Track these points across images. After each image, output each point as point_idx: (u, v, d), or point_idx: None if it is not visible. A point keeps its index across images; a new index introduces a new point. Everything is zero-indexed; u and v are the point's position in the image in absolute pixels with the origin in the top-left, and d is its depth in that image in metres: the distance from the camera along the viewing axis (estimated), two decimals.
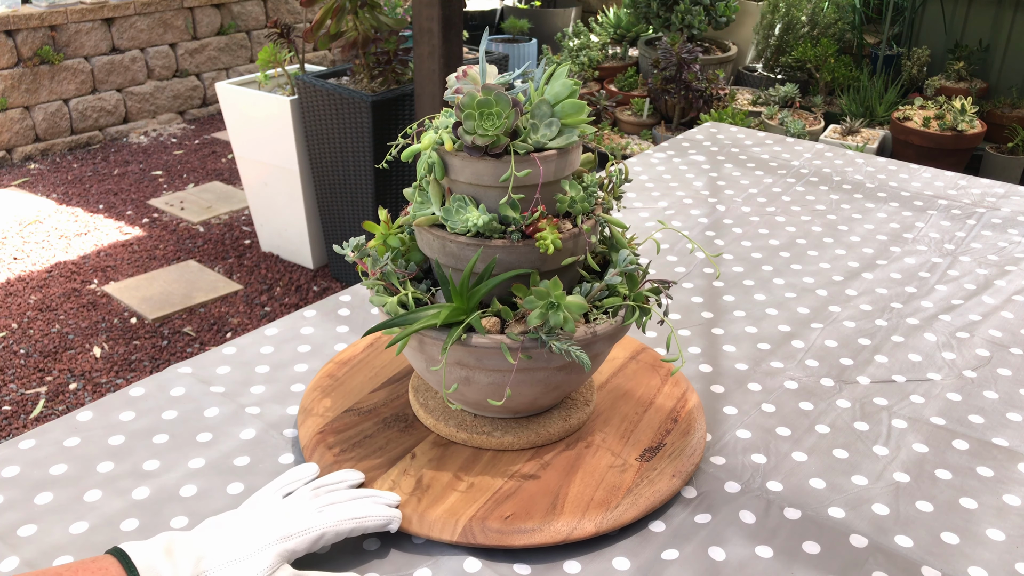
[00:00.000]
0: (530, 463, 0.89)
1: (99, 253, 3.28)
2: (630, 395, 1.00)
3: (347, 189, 2.86)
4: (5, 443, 0.94)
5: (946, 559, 0.82)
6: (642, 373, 1.04)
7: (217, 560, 0.70)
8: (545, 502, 0.84)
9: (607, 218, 0.88)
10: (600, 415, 0.97)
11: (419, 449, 0.91)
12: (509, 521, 0.81)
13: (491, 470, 0.88)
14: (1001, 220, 1.55)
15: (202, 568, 0.70)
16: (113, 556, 0.69)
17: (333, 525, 0.77)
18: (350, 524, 0.78)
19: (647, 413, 0.97)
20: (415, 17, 2.30)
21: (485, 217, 0.81)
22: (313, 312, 1.21)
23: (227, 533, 0.73)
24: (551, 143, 0.81)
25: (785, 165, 1.79)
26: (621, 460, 0.90)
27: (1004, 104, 4.01)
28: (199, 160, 4.21)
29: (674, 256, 1.40)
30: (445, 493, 0.85)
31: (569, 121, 0.82)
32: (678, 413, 0.97)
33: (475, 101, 0.80)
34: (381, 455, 0.90)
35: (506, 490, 0.86)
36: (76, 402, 2.44)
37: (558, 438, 0.92)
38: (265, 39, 4.94)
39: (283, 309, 2.92)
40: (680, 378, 1.03)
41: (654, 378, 1.03)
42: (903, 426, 1.00)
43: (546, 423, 0.93)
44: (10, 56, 3.98)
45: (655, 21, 4.46)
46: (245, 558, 0.71)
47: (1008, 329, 1.21)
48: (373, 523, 0.79)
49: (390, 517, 0.81)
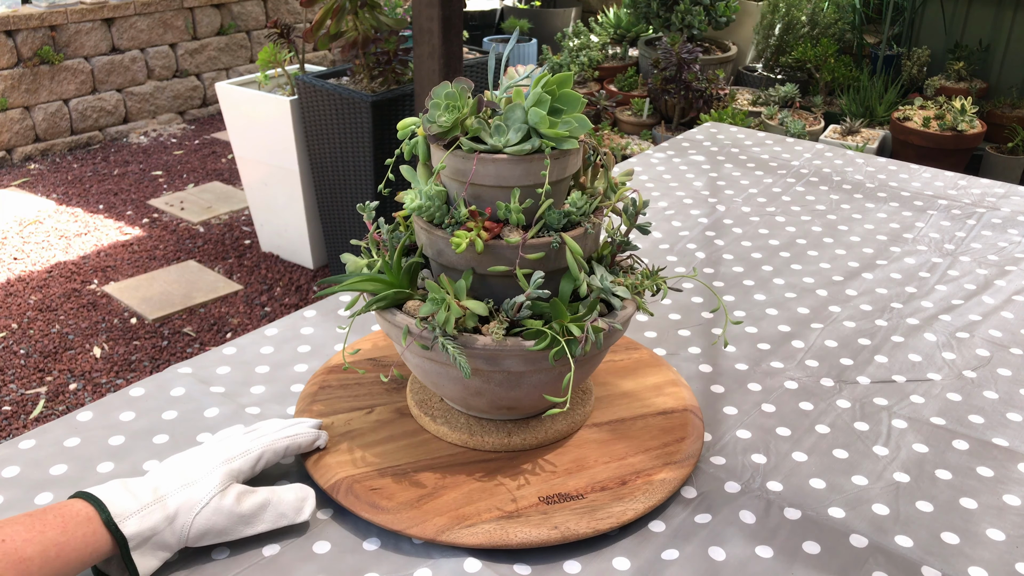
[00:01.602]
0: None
1: (99, 253, 3.28)
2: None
3: (347, 189, 2.86)
4: (5, 443, 0.94)
5: (946, 559, 0.82)
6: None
7: (172, 485, 0.77)
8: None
9: (567, 239, 0.82)
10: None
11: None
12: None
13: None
14: (1001, 220, 1.55)
15: (160, 493, 0.76)
16: (80, 499, 0.74)
17: (269, 444, 0.84)
18: (284, 442, 0.86)
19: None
20: (415, 17, 2.30)
21: (419, 201, 0.85)
22: (313, 312, 1.21)
23: (176, 463, 0.80)
24: (509, 148, 0.80)
25: (785, 165, 1.79)
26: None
27: (1004, 104, 4.01)
28: (199, 160, 4.21)
29: (674, 256, 1.40)
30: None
31: (549, 132, 0.80)
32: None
33: (444, 91, 0.82)
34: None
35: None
36: (76, 402, 2.44)
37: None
38: (265, 39, 4.94)
39: (283, 309, 2.92)
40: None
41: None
42: (903, 426, 1.00)
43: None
44: (10, 56, 3.98)
45: (655, 21, 4.46)
46: (197, 480, 0.78)
47: (1008, 329, 1.21)
48: (304, 439, 0.87)
49: (318, 434, 0.89)
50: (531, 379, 0.84)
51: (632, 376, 1.03)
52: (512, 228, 0.82)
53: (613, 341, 0.87)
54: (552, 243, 0.81)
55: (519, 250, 0.81)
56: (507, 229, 0.82)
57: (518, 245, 0.81)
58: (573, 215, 0.84)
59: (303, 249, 3.15)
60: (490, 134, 0.81)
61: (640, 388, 1.01)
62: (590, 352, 0.83)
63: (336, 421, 0.94)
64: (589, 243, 0.86)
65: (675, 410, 0.97)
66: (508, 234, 0.82)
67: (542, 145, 0.80)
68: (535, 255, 0.81)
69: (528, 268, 0.81)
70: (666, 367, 1.05)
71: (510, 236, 0.81)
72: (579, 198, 0.84)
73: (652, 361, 1.06)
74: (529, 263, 0.81)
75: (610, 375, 1.03)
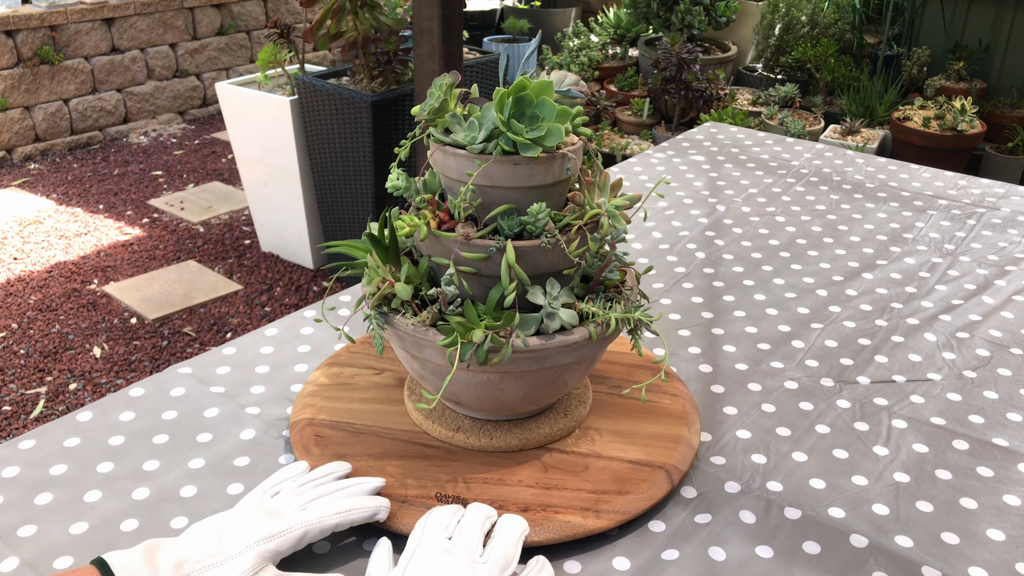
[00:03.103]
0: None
1: (99, 253, 3.28)
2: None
3: (347, 189, 2.86)
4: (5, 443, 0.94)
5: (946, 559, 0.82)
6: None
7: (199, 563, 0.70)
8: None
9: (509, 247, 0.79)
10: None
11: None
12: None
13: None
14: (1001, 220, 1.55)
15: (184, 572, 0.69)
16: (94, 566, 0.69)
17: (316, 522, 0.75)
18: (334, 520, 0.76)
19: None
20: (415, 17, 2.30)
21: (396, 182, 0.87)
22: (313, 312, 1.21)
23: (209, 535, 0.73)
24: (469, 145, 0.80)
25: (785, 165, 1.79)
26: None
27: (1004, 104, 4.01)
28: (199, 160, 4.21)
29: (674, 256, 1.40)
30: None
31: (510, 135, 0.79)
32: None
33: (442, 82, 0.83)
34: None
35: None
36: (76, 402, 2.44)
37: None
38: (265, 39, 4.94)
39: (283, 309, 2.92)
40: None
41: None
42: (903, 426, 1.00)
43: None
44: (10, 56, 3.98)
45: (655, 21, 4.46)
46: (226, 561, 0.70)
47: (1008, 329, 1.21)
48: (359, 515, 0.78)
49: (376, 508, 0.79)
50: (459, 376, 0.83)
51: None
52: (466, 224, 0.82)
53: (555, 361, 0.82)
54: (491, 248, 0.80)
55: (456, 246, 0.81)
56: (461, 225, 0.82)
57: (457, 241, 0.81)
58: (529, 226, 0.81)
59: (303, 249, 3.15)
60: (464, 129, 0.82)
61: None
62: (504, 364, 0.80)
63: None
64: (549, 258, 0.81)
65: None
66: (459, 229, 0.81)
67: (497, 147, 0.80)
68: (472, 255, 0.80)
69: (467, 266, 0.81)
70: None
71: (457, 231, 0.81)
72: (538, 209, 0.80)
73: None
74: (467, 261, 0.81)
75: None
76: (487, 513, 0.79)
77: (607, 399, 0.99)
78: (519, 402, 0.87)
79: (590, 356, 0.87)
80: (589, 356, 0.86)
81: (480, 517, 0.77)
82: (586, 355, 0.85)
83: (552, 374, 0.85)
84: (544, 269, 0.82)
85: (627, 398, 0.99)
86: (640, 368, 1.05)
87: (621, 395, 0.99)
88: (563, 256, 0.82)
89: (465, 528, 0.76)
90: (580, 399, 0.97)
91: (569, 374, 0.87)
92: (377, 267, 0.84)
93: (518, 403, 0.88)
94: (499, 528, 0.77)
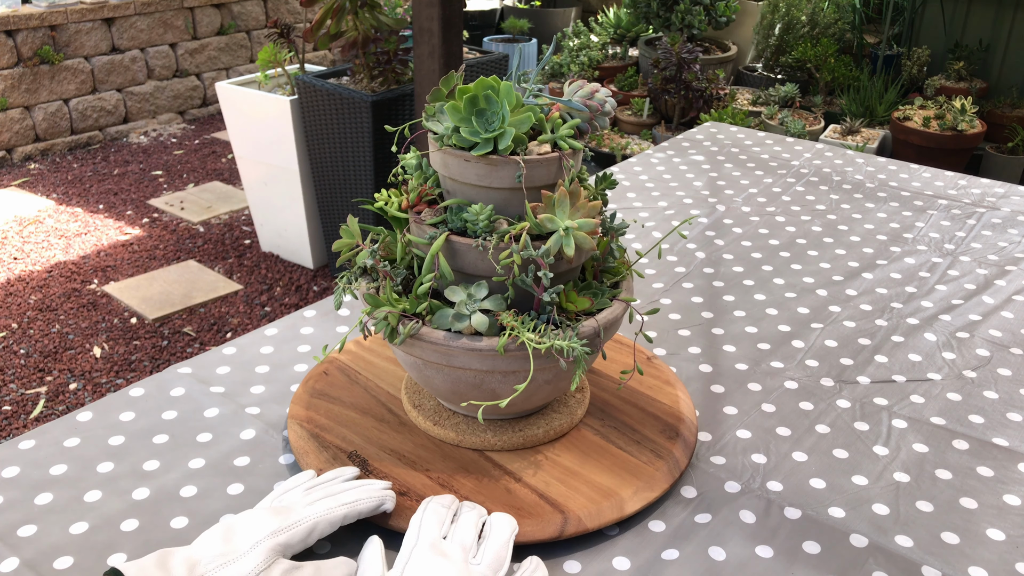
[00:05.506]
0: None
1: (99, 253, 3.28)
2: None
3: (347, 189, 2.85)
4: (5, 443, 0.94)
5: (946, 559, 0.82)
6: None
7: (212, 563, 0.71)
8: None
9: (438, 241, 0.81)
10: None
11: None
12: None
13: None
14: (1001, 220, 1.55)
15: (198, 573, 0.70)
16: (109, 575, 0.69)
17: (324, 514, 0.76)
18: (341, 511, 0.77)
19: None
20: (415, 17, 2.30)
21: (410, 160, 0.91)
22: (313, 312, 1.21)
23: (219, 537, 0.73)
24: (433, 136, 0.84)
25: (785, 165, 1.79)
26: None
27: (1004, 104, 4.01)
28: (199, 160, 4.21)
29: (674, 256, 1.40)
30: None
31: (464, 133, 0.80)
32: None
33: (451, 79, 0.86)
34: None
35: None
36: (76, 402, 2.44)
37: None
38: (265, 39, 4.94)
39: (283, 309, 2.92)
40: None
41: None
42: (903, 426, 1.00)
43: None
44: (10, 56, 3.98)
45: (655, 21, 4.46)
46: (238, 558, 0.71)
47: (1008, 329, 1.21)
48: (366, 506, 0.79)
49: (382, 498, 0.80)
50: (398, 352, 0.87)
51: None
52: (431, 210, 0.85)
53: (464, 362, 0.81)
54: (429, 234, 0.83)
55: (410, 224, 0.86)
56: (428, 209, 0.86)
57: (410, 220, 0.86)
58: (470, 225, 0.81)
59: (303, 249, 3.15)
60: (439, 121, 0.85)
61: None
62: (410, 348, 0.82)
63: None
64: (487, 262, 0.81)
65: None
66: (425, 212, 0.86)
67: (451, 139, 0.82)
68: (417, 238, 0.84)
69: (415, 247, 0.85)
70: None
71: (424, 213, 0.86)
72: (479, 210, 0.80)
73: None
74: (414, 241, 0.85)
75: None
76: (480, 512, 0.80)
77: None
78: (450, 395, 0.88)
79: (516, 369, 0.82)
80: (513, 369, 0.82)
81: (474, 517, 0.79)
82: (504, 367, 0.81)
83: (473, 376, 0.83)
84: (482, 272, 0.82)
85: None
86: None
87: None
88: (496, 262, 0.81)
89: (460, 528, 0.77)
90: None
91: (493, 382, 0.84)
92: (352, 233, 0.88)
93: (449, 396, 0.88)
94: (490, 528, 0.78)
